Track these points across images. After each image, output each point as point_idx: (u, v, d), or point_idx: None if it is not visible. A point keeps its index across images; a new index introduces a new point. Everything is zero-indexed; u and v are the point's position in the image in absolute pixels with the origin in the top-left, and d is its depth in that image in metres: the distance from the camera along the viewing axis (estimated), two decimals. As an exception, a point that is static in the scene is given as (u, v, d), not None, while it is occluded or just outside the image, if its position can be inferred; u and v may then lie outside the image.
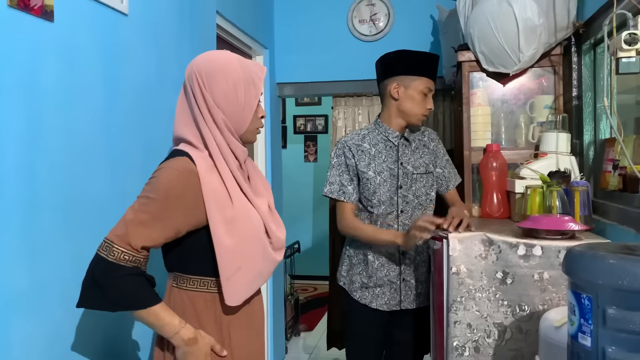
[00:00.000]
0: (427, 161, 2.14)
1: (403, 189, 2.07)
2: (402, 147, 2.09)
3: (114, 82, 1.73)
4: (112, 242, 1.24)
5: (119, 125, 1.75)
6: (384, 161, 2.07)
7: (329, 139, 3.88)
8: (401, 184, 2.07)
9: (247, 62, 1.40)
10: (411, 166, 2.08)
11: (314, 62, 3.47)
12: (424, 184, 2.12)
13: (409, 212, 2.08)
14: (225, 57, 1.36)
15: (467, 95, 2.38)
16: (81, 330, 1.55)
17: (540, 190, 1.94)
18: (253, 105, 1.37)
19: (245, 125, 1.37)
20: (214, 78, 1.32)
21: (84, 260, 1.56)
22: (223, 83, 1.32)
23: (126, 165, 1.79)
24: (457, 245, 1.74)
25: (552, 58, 2.29)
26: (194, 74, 1.34)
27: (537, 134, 2.32)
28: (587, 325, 1.02)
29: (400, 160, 2.08)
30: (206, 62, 1.35)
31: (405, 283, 2.09)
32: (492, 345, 1.71)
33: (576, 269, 1.06)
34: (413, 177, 2.08)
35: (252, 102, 1.36)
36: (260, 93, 1.40)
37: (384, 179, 2.05)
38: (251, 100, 1.36)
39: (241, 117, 1.36)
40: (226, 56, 1.37)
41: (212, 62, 1.34)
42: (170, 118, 2.08)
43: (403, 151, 2.09)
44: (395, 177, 2.07)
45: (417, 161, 2.10)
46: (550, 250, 1.66)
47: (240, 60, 1.38)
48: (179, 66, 2.16)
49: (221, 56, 1.37)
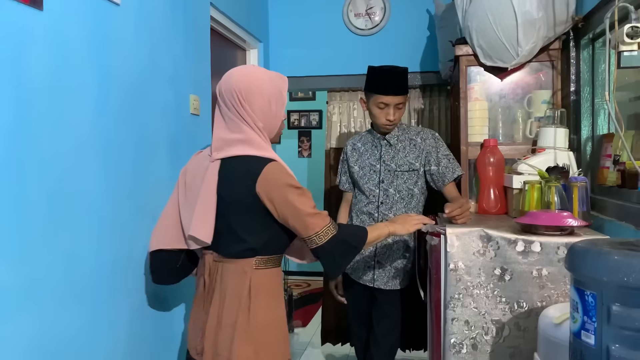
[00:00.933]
0: (413, 160, 2.32)
1: (385, 184, 2.33)
2: (385, 147, 2.36)
3: (106, 74, 1.69)
4: (321, 229, 1.51)
5: (110, 118, 1.71)
6: (367, 158, 2.39)
7: (324, 134, 3.85)
8: (383, 179, 2.34)
9: (273, 76, 1.63)
10: (394, 164, 2.32)
11: (308, 56, 3.44)
12: (405, 180, 2.32)
13: (389, 204, 2.32)
14: (259, 75, 1.58)
15: (464, 89, 2.36)
16: (72, 327, 1.52)
17: (538, 185, 1.92)
18: (282, 114, 1.63)
19: (275, 130, 1.64)
20: (251, 95, 1.54)
21: (76, 258, 1.53)
22: (259, 99, 1.55)
23: (118, 160, 1.75)
24: (455, 241, 1.72)
25: (551, 52, 2.27)
26: (233, 92, 1.54)
27: (534, 129, 2.30)
28: (590, 322, 1.00)
29: (383, 158, 2.35)
30: (242, 80, 1.55)
31: (379, 265, 2.34)
32: (490, 342, 1.69)
33: (580, 265, 1.04)
34: (395, 174, 2.32)
35: (281, 112, 1.62)
36: (285, 102, 1.63)
37: (365, 173, 2.38)
38: (280, 110, 1.61)
39: (273, 124, 1.61)
40: (259, 73, 1.59)
41: (248, 81, 1.55)
42: (164, 112, 2.05)
43: (386, 150, 2.35)
44: (377, 172, 2.35)
45: (401, 160, 2.33)
46: (549, 246, 1.64)
47: (269, 75, 1.61)
48: (173, 59, 2.12)
49: (255, 74, 1.59)
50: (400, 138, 2.34)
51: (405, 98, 2.28)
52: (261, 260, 1.55)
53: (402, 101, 2.26)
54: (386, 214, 2.32)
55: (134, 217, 1.83)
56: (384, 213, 2.33)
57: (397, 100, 2.24)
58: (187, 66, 2.24)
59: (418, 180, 2.32)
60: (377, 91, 2.24)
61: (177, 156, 2.14)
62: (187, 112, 2.24)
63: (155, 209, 1.96)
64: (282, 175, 1.51)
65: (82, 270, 1.57)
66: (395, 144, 2.34)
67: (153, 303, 1.95)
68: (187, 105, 2.24)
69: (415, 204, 2.33)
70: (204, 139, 2.41)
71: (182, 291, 2.17)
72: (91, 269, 1.61)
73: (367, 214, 2.36)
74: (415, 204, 2.33)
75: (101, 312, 1.66)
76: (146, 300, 1.91)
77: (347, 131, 3.52)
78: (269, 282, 1.56)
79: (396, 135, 2.34)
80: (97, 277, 1.64)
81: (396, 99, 2.24)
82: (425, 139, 2.32)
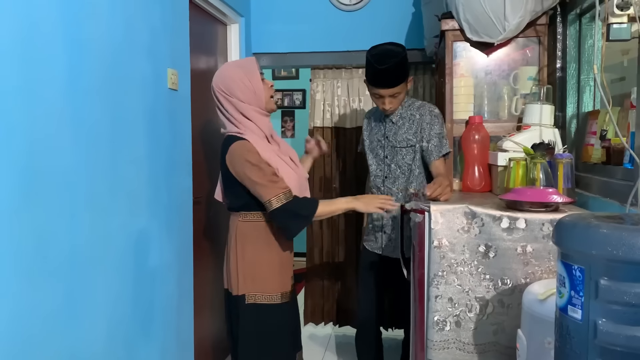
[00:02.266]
0: (411, 136, 2.33)
1: (388, 159, 2.40)
2: (388, 124, 2.39)
3: (78, 44, 1.61)
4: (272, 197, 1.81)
5: (83, 90, 1.64)
6: (375, 134, 2.46)
7: (307, 113, 3.79)
8: (386, 155, 2.41)
9: (240, 62, 2.06)
10: (395, 140, 2.37)
11: (291, 32, 3.36)
12: (403, 156, 2.37)
13: (392, 179, 2.39)
14: (230, 69, 1.95)
15: (450, 65, 2.32)
16: (46, 308, 1.47)
17: (523, 162, 1.90)
18: (260, 85, 1.92)
19: (262, 99, 1.93)
20: (230, 87, 1.91)
21: (48, 235, 1.47)
22: (238, 84, 1.90)
23: (93, 134, 1.68)
24: (439, 218, 1.69)
25: (538, 28, 2.24)
26: (218, 91, 1.93)
27: (520, 106, 2.27)
28: (577, 297, 0.98)
29: (387, 134, 2.40)
30: (221, 79, 1.93)
31: (385, 235, 2.45)
32: (474, 319, 1.68)
33: (568, 239, 1.01)
34: (395, 150, 2.37)
35: (257, 83, 1.91)
36: (260, 73, 1.94)
37: (373, 147, 2.47)
38: (256, 82, 1.91)
39: (257, 96, 1.92)
40: (230, 67, 1.96)
41: (224, 77, 1.93)
42: (141, 86, 1.98)
43: (389, 127, 2.39)
44: (382, 148, 2.42)
45: (401, 136, 2.36)
46: (534, 223, 1.62)
47: (237, 64, 2.01)
48: (150, 31, 2.04)
49: (227, 70, 1.95)
50: (403, 115, 2.36)
51: (400, 87, 2.25)
52: (245, 215, 1.93)
53: (398, 91, 2.24)
54: (390, 187, 2.41)
55: (110, 193, 1.77)
56: (388, 187, 2.42)
57: (391, 92, 2.24)
58: (164, 38, 2.16)
59: (415, 156, 2.35)
60: (371, 82, 2.27)
61: (155, 132, 2.07)
62: (165, 87, 2.17)
63: (133, 185, 1.90)
64: (242, 152, 1.84)
65: (55, 248, 1.51)
66: (397, 121, 2.36)
67: (133, 283, 1.91)
68: (164, 80, 2.16)
69: (414, 179, 2.36)
70: (184, 114, 2.34)
71: (162, 271, 2.12)
72: (64, 247, 1.55)
73: (375, 187, 2.47)
74: (413, 178, 2.36)
75: (76, 292, 1.60)
76: (125, 280, 1.86)
77: (331, 110, 3.46)
78: (254, 232, 1.93)
79: (399, 113, 2.36)
80: (71, 256, 1.58)
81: (389, 91, 2.23)
82: (423, 115, 2.31)
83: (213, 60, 2.94)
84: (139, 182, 1.96)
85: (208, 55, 2.87)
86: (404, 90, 2.27)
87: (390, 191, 2.40)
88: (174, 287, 2.24)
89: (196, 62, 2.62)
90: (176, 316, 2.27)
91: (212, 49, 2.95)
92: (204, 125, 2.71)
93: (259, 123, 1.93)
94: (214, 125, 2.92)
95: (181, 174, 2.33)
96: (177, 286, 2.28)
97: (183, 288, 2.34)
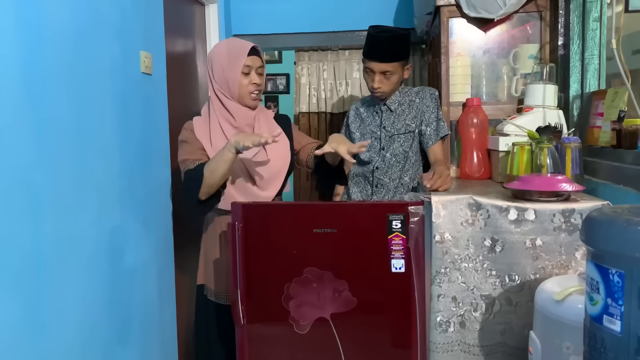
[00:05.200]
0: (410, 121, 2.18)
1: (384, 150, 2.20)
2: (385, 113, 2.22)
3: (34, 23, 1.42)
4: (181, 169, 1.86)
5: (43, 75, 1.45)
6: (369, 125, 2.26)
7: (292, 98, 3.62)
8: (384, 146, 2.21)
9: (234, 42, 1.93)
10: (394, 129, 2.20)
11: (274, 12, 3.17)
12: (401, 143, 2.18)
13: (384, 169, 2.21)
14: (220, 46, 1.92)
15: (446, 44, 2.17)
16: (8, 321, 1.30)
17: (528, 147, 1.76)
18: (235, 77, 1.83)
19: (235, 92, 1.86)
20: (213, 64, 1.88)
21: (6, 238, 1.30)
22: (217, 65, 1.86)
23: (55, 124, 1.50)
24: (441, 210, 1.55)
25: (539, 2, 2.09)
26: (207, 61, 1.92)
27: (520, 87, 2.14)
28: (616, 306, 0.85)
29: (383, 124, 2.21)
30: (211, 51, 1.92)
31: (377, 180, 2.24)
32: (479, 319, 1.55)
33: (603, 239, 0.87)
34: (392, 138, 2.20)
35: (234, 75, 1.83)
36: (244, 66, 1.83)
37: (365, 140, 2.23)
38: (232, 72, 1.83)
39: (229, 87, 1.85)
40: (221, 44, 1.94)
41: (212, 53, 1.90)
42: (110, 70, 1.80)
43: (387, 116, 2.21)
44: (379, 139, 2.21)
45: (399, 123, 2.19)
46: (545, 214, 1.49)
47: (228, 42, 1.94)
48: (120, 11, 1.86)
49: (218, 45, 1.93)
50: (402, 102, 2.21)
51: (394, 67, 2.07)
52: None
53: (390, 69, 2.07)
54: (381, 178, 2.23)
55: (77, 188, 1.59)
56: (378, 177, 2.24)
57: (382, 68, 2.07)
58: (136, 18, 1.98)
59: (413, 142, 2.19)
60: (365, 54, 2.13)
61: (128, 119, 1.90)
62: (138, 71, 1.98)
63: (103, 177, 1.74)
64: (181, 132, 1.93)
65: (15, 252, 1.34)
66: (396, 109, 2.20)
67: (107, 285, 1.74)
68: (137, 63, 1.98)
69: (410, 167, 2.19)
70: (159, 100, 2.17)
71: (140, 269, 1.96)
72: (26, 251, 1.38)
73: (362, 176, 2.28)
74: (409, 166, 2.19)
75: (43, 300, 1.44)
76: (99, 282, 1.70)
77: (317, 94, 3.30)
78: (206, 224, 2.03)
79: (397, 100, 2.20)
80: (35, 261, 1.41)
81: (380, 65, 2.07)
82: (423, 98, 2.17)
83: (191, 43, 2.75)
84: (110, 176, 1.79)
85: (185, 37, 2.68)
86: (397, 72, 2.09)
87: (380, 182, 2.23)
88: (153, 286, 2.09)
89: (172, 44, 2.43)
90: (158, 317, 2.12)
91: (190, 30, 2.76)
92: (182, 111, 2.53)
93: (230, 107, 1.87)
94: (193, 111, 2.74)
95: (158, 165, 2.16)
96: (158, 285, 2.12)
97: (164, 287, 2.19)
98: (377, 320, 1.66)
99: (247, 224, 1.61)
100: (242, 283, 1.60)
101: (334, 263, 1.63)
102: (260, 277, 1.63)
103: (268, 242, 1.64)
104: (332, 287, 1.62)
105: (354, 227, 1.64)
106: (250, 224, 1.61)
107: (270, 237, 1.64)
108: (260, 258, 1.64)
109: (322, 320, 1.60)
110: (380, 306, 1.66)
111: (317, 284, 1.60)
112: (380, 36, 2.06)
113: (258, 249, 1.63)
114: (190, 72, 2.74)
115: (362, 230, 1.64)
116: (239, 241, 1.59)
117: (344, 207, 1.76)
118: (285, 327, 1.60)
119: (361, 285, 1.64)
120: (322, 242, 1.62)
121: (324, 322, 1.61)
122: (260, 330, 1.65)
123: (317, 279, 1.61)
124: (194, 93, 2.78)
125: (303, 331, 1.61)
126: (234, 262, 1.61)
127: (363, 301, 1.63)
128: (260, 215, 1.64)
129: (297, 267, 1.60)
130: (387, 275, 1.62)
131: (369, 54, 2.10)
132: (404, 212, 1.62)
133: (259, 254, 1.63)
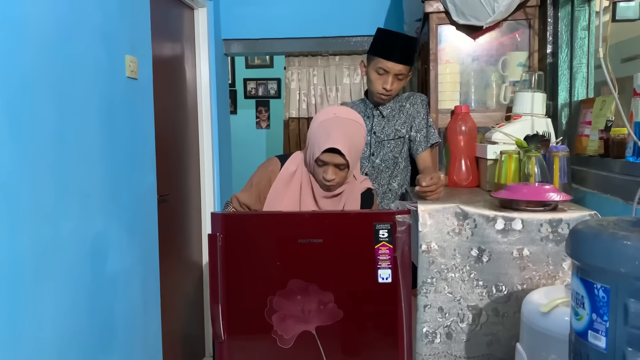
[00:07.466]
0: (400, 126, 2.14)
1: (374, 156, 2.15)
2: (377, 119, 2.17)
3: (13, 22, 1.39)
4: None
5: (22, 78, 1.42)
6: None
7: (282, 103, 3.60)
8: (373, 152, 2.15)
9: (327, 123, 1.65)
10: (384, 134, 2.15)
11: (264, 16, 3.15)
12: (391, 149, 2.15)
13: (373, 175, 2.15)
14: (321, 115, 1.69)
15: (434, 51, 2.16)
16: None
17: (516, 156, 1.75)
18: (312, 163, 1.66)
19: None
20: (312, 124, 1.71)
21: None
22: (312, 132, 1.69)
23: (34, 129, 1.47)
24: (428, 219, 1.54)
25: (528, 10, 2.08)
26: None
27: (509, 95, 2.13)
28: (601, 322, 0.83)
29: (374, 129, 2.16)
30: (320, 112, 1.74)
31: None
32: (466, 330, 1.53)
33: (588, 253, 0.86)
34: (381, 144, 2.15)
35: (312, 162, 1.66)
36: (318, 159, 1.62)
37: None
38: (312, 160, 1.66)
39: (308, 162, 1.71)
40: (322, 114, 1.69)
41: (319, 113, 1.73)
42: (95, 74, 1.77)
43: (378, 122, 2.16)
44: (368, 145, 2.14)
45: (389, 128, 2.15)
46: (532, 223, 1.48)
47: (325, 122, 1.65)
48: (104, 13, 1.83)
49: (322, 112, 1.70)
50: (394, 107, 2.17)
51: (407, 70, 2.05)
52: None
53: (404, 72, 2.04)
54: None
55: (57, 195, 1.56)
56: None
57: (399, 69, 2.03)
58: (121, 21, 1.95)
59: (403, 147, 2.16)
60: (380, 54, 2.05)
61: (112, 125, 1.87)
62: (123, 75, 1.96)
63: (85, 184, 1.70)
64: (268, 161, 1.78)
65: (-10, 262, 1.31)
66: (388, 114, 2.16)
67: (88, 293, 1.71)
68: (122, 67, 1.95)
69: (398, 172, 2.16)
70: (145, 105, 2.14)
71: (123, 277, 1.93)
72: (4, 258, 1.35)
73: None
74: (397, 172, 2.16)
75: (21, 309, 1.40)
76: (79, 291, 1.67)
77: (307, 100, 3.28)
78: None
79: (389, 105, 2.16)
80: (13, 268, 1.38)
81: (397, 67, 2.03)
82: (414, 104, 2.14)
83: (179, 47, 2.73)
84: (93, 181, 1.76)
85: (173, 41, 2.65)
86: (406, 78, 2.08)
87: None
88: (137, 293, 2.05)
89: (159, 49, 2.40)
90: (142, 325, 2.08)
91: (178, 35, 2.73)
92: (168, 116, 2.50)
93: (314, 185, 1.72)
94: (180, 117, 2.72)
95: (143, 170, 2.13)
96: (142, 292, 2.08)
97: (149, 294, 2.15)
98: (363, 332, 1.63)
99: (228, 235, 1.57)
100: (222, 296, 1.56)
101: (319, 274, 1.59)
102: (242, 290, 1.59)
103: (250, 253, 1.59)
104: (318, 299, 1.58)
105: (340, 237, 1.61)
106: (232, 234, 1.57)
107: (253, 248, 1.60)
108: (242, 270, 1.59)
109: (307, 334, 1.56)
110: (367, 318, 1.62)
111: (302, 296, 1.56)
112: (402, 37, 2.05)
113: (240, 261, 1.59)
114: (178, 76, 2.71)
115: (348, 240, 1.60)
116: (219, 253, 1.55)
117: (330, 216, 1.72)
118: (268, 341, 1.55)
119: (348, 296, 1.60)
120: (307, 253, 1.58)
121: (308, 336, 1.57)
122: (242, 346, 1.60)
123: (301, 291, 1.57)
124: (182, 98, 2.75)
125: (287, 345, 1.56)
126: (214, 275, 1.57)
127: (349, 313, 1.60)
128: (242, 225, 1.60)
129: (281, 279, 1.55)
130: (373, 286, 1.59)
131: (387, 53, 2.03)
132: (390, 221, 1.59)
133: (240, 266, 1.58)
